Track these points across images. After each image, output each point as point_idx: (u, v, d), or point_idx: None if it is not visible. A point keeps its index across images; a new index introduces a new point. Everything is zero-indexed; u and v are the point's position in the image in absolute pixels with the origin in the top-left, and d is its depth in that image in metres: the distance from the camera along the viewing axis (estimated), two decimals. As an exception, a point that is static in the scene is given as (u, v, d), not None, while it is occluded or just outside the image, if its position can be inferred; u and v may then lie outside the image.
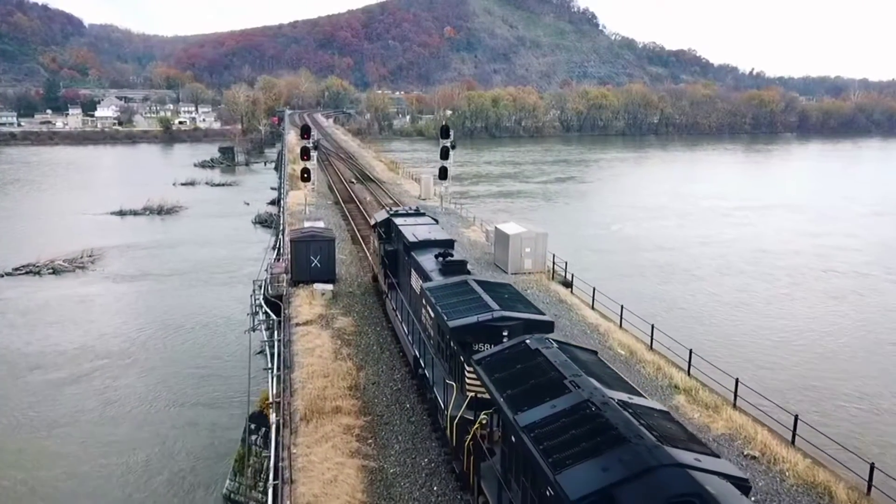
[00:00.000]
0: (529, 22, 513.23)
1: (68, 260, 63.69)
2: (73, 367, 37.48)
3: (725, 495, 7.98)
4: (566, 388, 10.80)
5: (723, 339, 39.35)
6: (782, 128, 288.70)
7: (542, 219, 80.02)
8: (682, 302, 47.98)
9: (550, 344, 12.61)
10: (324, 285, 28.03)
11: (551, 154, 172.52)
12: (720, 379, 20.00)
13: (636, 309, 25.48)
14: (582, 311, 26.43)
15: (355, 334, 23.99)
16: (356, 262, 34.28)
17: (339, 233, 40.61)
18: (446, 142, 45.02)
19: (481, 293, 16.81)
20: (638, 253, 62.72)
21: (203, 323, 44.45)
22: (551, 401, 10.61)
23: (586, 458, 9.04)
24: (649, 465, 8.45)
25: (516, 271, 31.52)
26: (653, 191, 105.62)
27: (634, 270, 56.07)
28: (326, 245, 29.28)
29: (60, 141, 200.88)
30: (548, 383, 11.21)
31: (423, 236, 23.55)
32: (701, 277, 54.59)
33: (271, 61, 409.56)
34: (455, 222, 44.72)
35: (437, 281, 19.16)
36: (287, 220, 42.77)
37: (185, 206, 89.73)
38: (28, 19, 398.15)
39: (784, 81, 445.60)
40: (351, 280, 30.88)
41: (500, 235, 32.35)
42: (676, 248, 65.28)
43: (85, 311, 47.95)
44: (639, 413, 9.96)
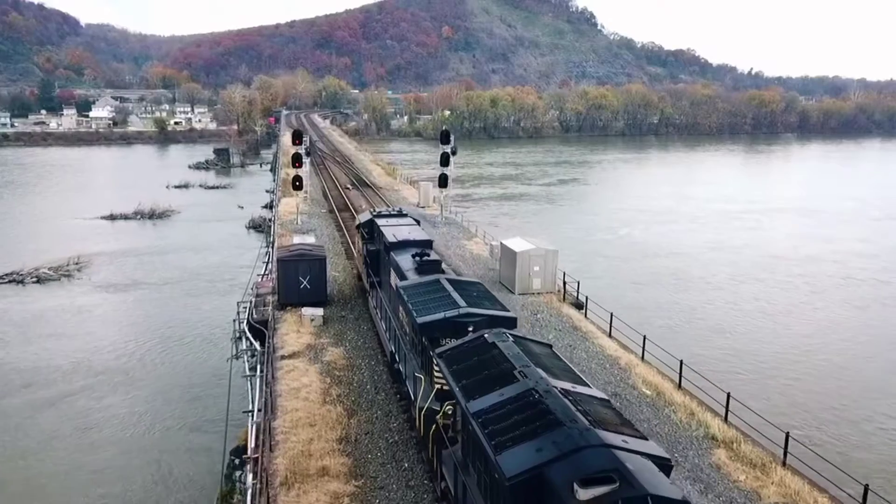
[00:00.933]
0: (528, 21, 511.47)
1: (54, 268, 61.18)
2: (49, 388, 34.90)
3: (641, 471, 8.83)
4: (515, 377, 11.64)
5: (749, 355, 36.92)
6: (783, 128, 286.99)
7: (548, 223, 78.26)
8: (701, 312, 45.79)
9: (507, 338, 13.45)
10: (313, 310, 25.47)
11: (552, 155, 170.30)
12: (762, 427, 17.47)
13: (653, 320, 23.16)
14: (599, 341, 23.90)
15: (347, 369, 21.46)
16: (350, 279, 31.71)
17: (332, 245, 38.06)
18: (447, 147, 42.43)
19: (451, 291, 17.87)
20: (648, 259, 60.64)
21: (192, 337, 41.87)
22: (500, 389, 11.40)
23: (525, 440, 9.87)
24: (578, 446, 9.27)
25: (524, 291, 28.98)
26: (658, 193, 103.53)
27: (647, 278, 54.01)
28: (317, 264, 26.73)
29: (54, 142, 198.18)
30: (499, 374, 12.00)
31: (403, 237, 24.64)
32: (717, 286, 52.36)
33: (268, 61, 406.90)
34: (456, 233, 42.13)
35: (412, 280, 20.21)
36: (277, 230, 40.15)
37: (178, 210, 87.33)
38: (23, 19, 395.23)
39: (783, 81, 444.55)
40: (344, 301, 28.34)
41: (507, 252, 29.78)
42: (687, 254, 63.26)
43: (66, 325, 45.36)
44: (577, 400, 10.80)
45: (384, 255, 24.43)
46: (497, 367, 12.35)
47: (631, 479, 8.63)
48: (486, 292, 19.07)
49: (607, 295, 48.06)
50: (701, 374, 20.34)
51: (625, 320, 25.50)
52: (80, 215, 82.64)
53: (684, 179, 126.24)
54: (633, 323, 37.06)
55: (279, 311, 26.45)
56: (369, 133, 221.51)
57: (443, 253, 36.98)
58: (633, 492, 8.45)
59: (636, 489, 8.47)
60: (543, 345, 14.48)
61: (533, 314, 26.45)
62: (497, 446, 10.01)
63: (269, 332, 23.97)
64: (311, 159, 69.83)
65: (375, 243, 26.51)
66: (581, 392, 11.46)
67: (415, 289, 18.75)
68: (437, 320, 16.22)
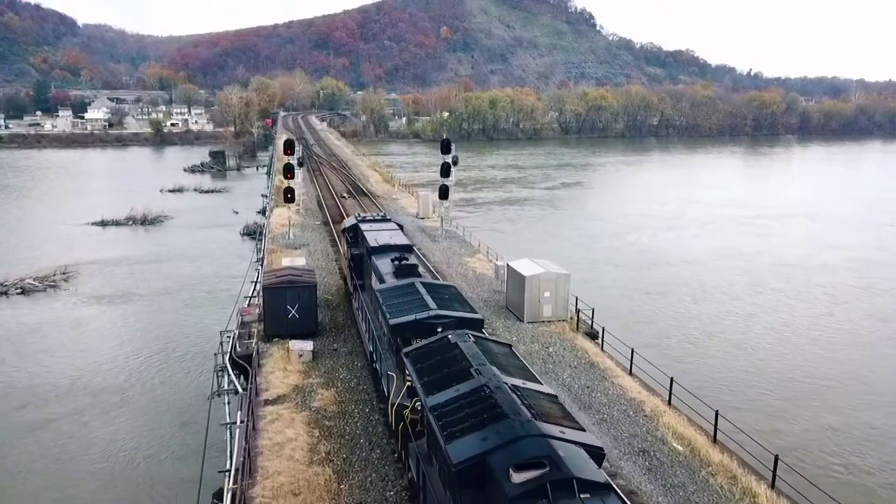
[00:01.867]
0: (526, 22, 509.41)
1: (39, 278, 58.73)
2: (26, 412, 32.38)
3: (571, 457, 9.90)
4: (471, 375, 12.50)
5: (781, 379, 34.49)
6: (783, 129, 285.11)
7: (553, 229, 76.24)
8: (720, 325, 43.56)
9: (468, 338, 14.39)
10: (302, 343, 23.08)
11: (554, 158, 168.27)
12: (811, 493, 15.10)
13: (671, 335, 20.82)
14: (619, 380, 21.51)
15: (338, 417, 19.06)
16: (343, 303, 29.28)
17: (325, 263, 35.58)
18: (447, 157, 40.00)
19: (424, 294, 18.76)
20: (659, 268, 58.59)
21: (181, 354, 39.34)
22: (456, 385, 12.27)
23: (473, 431, 10.74)
24: (518, 436, 10.22)
25: (534, 319, 26.55)
26: (664, 197, 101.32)
27: (660, 288, 51.91)
28: (306, 292, 24.35)
29: (48, 144, 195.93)
30: (457, 371, 12.86)
31: (384, 241, 25.72)
32: (734, 296, 50.13)
33: (266, 62, 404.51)
34: (457, 248, 39.68)
35: (389, 283, 21.13)
36: (268, 245, 37.71)
37: (171, 216, 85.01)
38: (20, 19, 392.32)
39: (782, 82, 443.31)
40: (337, 330, 25.94)
41: (514, 276, 27.32)
42: (698, 262, 61.16)
43: (47, 340, 42.81)
44: (524, 395, 11.69)
45: (367, 258, 25.32)
46: (456, 366, 13.31)
47: (560, 464, 9.68)
48: (458, 295, 20.18)
49: (618, 306, 46.39)
50: (738, 426, 17.94)
51: (644, 350, 23.19)
52: (70, 221, 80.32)
53: (689, 183, 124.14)
54: (649, 336, 35.02)
55: (265, 342, 24.06)
56: (367, 135, 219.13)
57: (443, 272, 34.60)
58: (560, 475, 9.49)
59: (563, 472, 9.53)
60: (503, 345, 15.75)
61: (544, 347, 24.06)
62: (448, 436, 11.00)
63: (253, 369, 21.56)
64: (306, 165, 67.64)
65: (359, 247, 27.29)
66: (530, 388, 12.51)
67: (390, 292, 19.76)
68: (408, 321, 17.13)
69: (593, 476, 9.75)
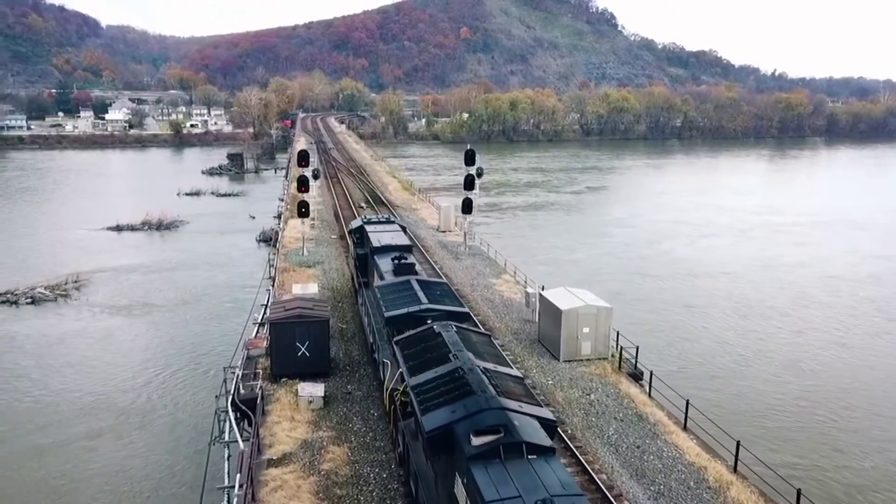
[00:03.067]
0: (547, 22, 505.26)
1: (50, 287, 57.17)
2: (24, 437, 30.23)
3: (524, 426, 11.81)
4: (449, 359, 14.52)
5: (840, 404, 31.51)
6: (810, 132, 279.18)
7: (582, 237, 73.84)
8: (770, 343, 40.78)
9: (451, 328, 16.26)
10: (312, 387, 20.59)
11: (578, 160, 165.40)
12: None
13: (718, 357, 18.11)
14: (673, 438, 18.73)
15: (351, 484, 16.54)
16: (359, 333, 26.73)
17: (340, 283, 33.04)
18: (471, 169, 37.36)
19: (417, 290, 20.54)
20: (697, 279, 55.90)
21: (191, 371, 37.11)
22: (435, 368, 14.36)
23: (444, 405, 12.72)
24: (480, 408, 12.14)
25: (571, 358, 23.80)
26: (695, 203, 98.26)
27: (700, 301, 49.29)
28: (318, 328, 21.87)
29: (69, 145, 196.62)
30: (438, 356, 14.92)
31: (387, 242, 27.69)
32: (780, 311, 47.21)
33: (285, 63, 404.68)
34: (482, 267, 36.91)
35: (388, 280, 23.08)
36: (280, 263, 35.28)
37: (187, 221, 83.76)
38: (43, 20, 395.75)
39: (807, 83, 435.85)
40: (352, 368, 23.42)
41: (549, 308, 24.58)
42: (738, 273, 58.27)
43: (50, 355, 40.83)
44: (493, 376, 13.67)
45: (370, 258, 27.21)
46: (437, 351, 15.08)
47: (513, 431, 11.50)
48: (449, 292, 21.90)
49: (657, 320, 43.72)
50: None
51: (691, 373, 20.45)
52: (86, 225, 79.30)
53: (719, 187, 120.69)
54: (695, 355, 32.04)
55: (272, 383, 21.62)
56: (386, 137, 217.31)
57: (467, 295, 31.95)
58: (511, 439, 11.34)
59: (514, 438, 11.39)
60: (482, 335, 17.79)
61: (585, 394, 21.33)
62: (423, 410, 12.73)
63: (256, 419, 19.10)
64: (323, 172, 65.47)
65: (364, 247, 29.03)
66: (499, 371, 14.28)
67: (388, 288, 21.55)
68: (401, 314, 18.99)
69: (541, 441, 11.70)
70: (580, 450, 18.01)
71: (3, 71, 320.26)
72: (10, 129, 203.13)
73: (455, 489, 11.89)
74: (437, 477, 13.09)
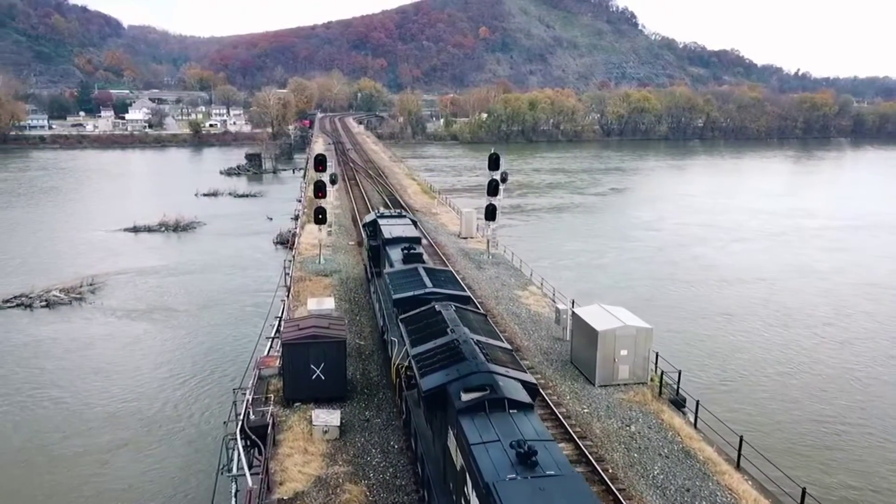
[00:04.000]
0: (566, 22, 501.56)
1: (65, 290, 56.34)
2: (25, 455, 28.97)
3: (507, 386, 13.73)
4: (446, 333, 16.63)
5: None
6: (835, 132, 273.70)
7: (607, 240, 72.02)
8: (817, 355, 38.89)
9: (450, 308, 18.56)
10: (327, 415, 18.98)
11: (601, 161, 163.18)
12: None
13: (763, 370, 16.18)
14: (726, 479, 16.85)
15: (370, 531, 14.84)
16: (378, 351, 25.06)
17: (357, 295, 31.40)
18: (495, 174, 35.58)
19: (424, 276, 22.59)
20: (731, 286, 53.90)
21: (202, 386, 35.67)
22: (434, 340, 16.44)
23: (440, 369, 14.71)
24: (470, 371, 14.07)
25: (607, 382, 21.99)
26: (723, 205, 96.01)
27: (737, 309, 47.33)
28: (333, 349, 20.27)
29: (89, 144, 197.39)
30: (437, 330, 17.01)
31: (398, 234, 29.89)
32: (823, 320, 45.19)
33: (304, 62, 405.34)
34: (506, 278, 35.08)
35: (398, 267, 25.30)
36: (295, 271, 33.72)
37: (204, 222, 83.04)
38: (66, 21, 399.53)
39: (831, 82, 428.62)
40: (370, 391, 21.79)
41: (582, 327, 22.76)
42: (774, 280, 56.22)
43: (57, 362, 39.66)
44: (484, 347, 15.76)
45: (382, 248, 29.37)
46: (437, 327, 17.19)
47: (497, 390, 13.47)
48: (453, 278, 24.18)
49: (694, 330, 41.67)
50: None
51: (745, 417, 18.52)
52: (104, 226, 78.96)
53: (747, 190, 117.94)
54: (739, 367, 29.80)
55: (284, 408, 20.04)
56: (404, 137, 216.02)
57: (491, 308, 30.19)
58: (495, 396, 13.27)
59: (498, 395, 13.30)
60: (479, 314, 20.26)
61: (625, 425, 19.51)
62: (422, 374, 15.10)
63: (267, 451, 17.50)
64: (342, 174, 64.12)
65: (376, 239, 31.07)
66: (490, 342, 16.57)
67: (397, 274, 23.84)
68: (408, 296, 20.93)
69: (521, 398, 13.45)
70: (623, 493, 16.22)
71: (25, 71, 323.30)
72: (32, 129, 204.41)
73: (447, 441, 13.97)
74: (434, 435, 15.50)
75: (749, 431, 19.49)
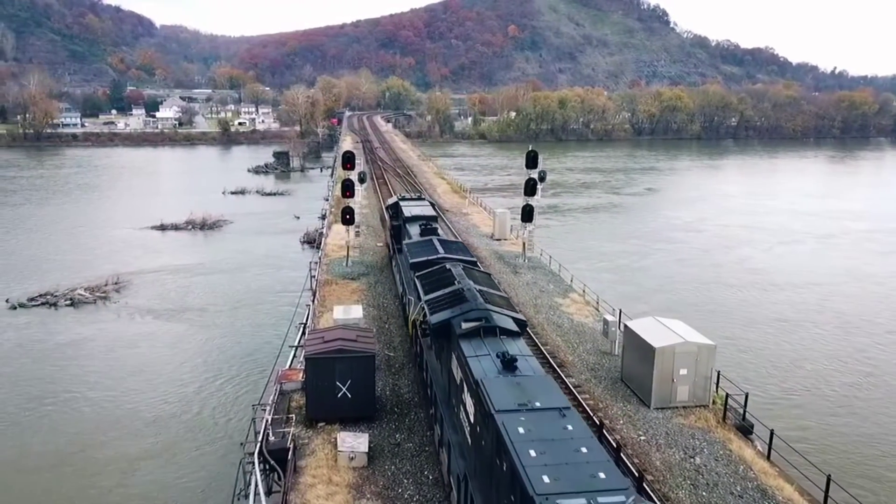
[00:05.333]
0: (596, 20, 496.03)
1: (90, 289, 55.56)
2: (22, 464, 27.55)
3: (500, 319, 17.09)
4: (454, 283, 19.97)
5: None
6: (875, 132, 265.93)
7: (648, 242, 69.58)
8: (888, 367, 36.07)
9: (458, 266, 22.36)
10: (354, 439, 17.07)
11: (635, 160, 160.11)
12: None
13: (833, 380, 13.70)
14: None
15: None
16: (410, 364, 23.09)
17: (387, 301, 29.53)
18: (533, 172, 33.43)
19: (437, 245, 26.49)
20: (783, 291, 51.22)
21: (224, 396, 34.03)
22: (443, 289, 19.81)
23: (447, 309, 18.12)
24: (470, 308, 17.34)
25: (664, 405, 19.75)
26: (766, 206, 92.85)
27: (794, 315, 44.89)
28: (362, 365, 18.37)
29: (120, 142, 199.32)
30: (446, 282, 20.50)
31: (416, 213, 33.87)
32: (888, 328, 42.40)
33: (333, 61, 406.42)
34: (544, 283, 32.89)
35: (415, 239, 29.34)
36: (321, 274, 31.93)
37: (231, 220, 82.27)
38: (100, 20, 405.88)
39: (869, 81, 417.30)
40: (401, 409, 19.87)
41: (637, 343, 20.52)
42: (827, 285, 53.52)
43: (77, 366, 38.40)
44: (484, 293, 18.89)
45: (403, 226, 33.11)
46: (447, 281, 20.77)
47: (491, 321, 16.70)
48: (463, 248, 27.61)
49: (750, 338, 39.20)
50: None
51: (823, 443, 16.18)
52: (132, 224, 78.68)
53: (789, 190, 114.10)
54: (805, 383, 27.44)
55: (307, 428, 18.19)
56: (432, 136, 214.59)
57: (531, 317, 28.08)
58: (489, 325, 16.50)
59: (491, 324, 16.55)
60: (483, 273, 24.47)
61: (688, 456, 17.27)
62: (431, 312, 18.47)
63: (287, 480, 15.64)
64: (370, 173, 62.59)
65: (398, 219, 34.41)
66: (489, 291, 19.92)
67: (415, 244, 27.36)
68: (423, 260, 24.32)
69: (511, 328, 17.18)
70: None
71: (60, 70, 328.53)
72: (66, 127, 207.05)
73: (451, 367, 16.79)
74: (441, 366, 18.52)
75: (825, 459, 17.10)
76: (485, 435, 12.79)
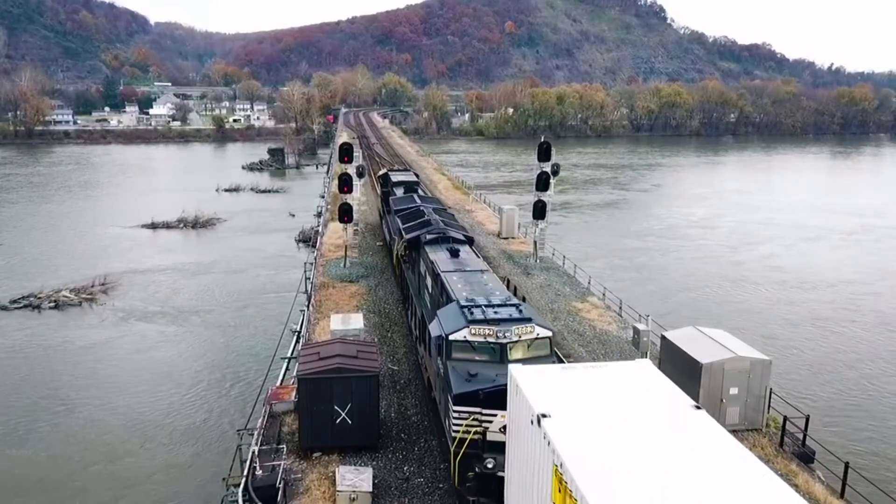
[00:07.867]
0: (593, 16, 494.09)
1: (76, 290, 53.02)
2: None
3: (453, 232, 26.81)
4: (423, 216, 28.60)
5: None
6: (875, 127, 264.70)
7: (661, 239, 67.41)
8: None
9: (429, 207, 31.57)
10: (355, 475, 14.51)
11: (639, 156, 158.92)
12: None
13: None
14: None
15: None
16: (417, 379, 20.48)
17: (387, 306, 26.97)
18: (545, 166, 30.88)
19: (417, 199, 34.33)
20: (814, 290, 49.21)
21: (211, 396, 31.43)
22: (416, 222, 27.99)
23: (417, 230, 26.57)
24: (433, 229, 26.31)
25: (710, 429, 17.25)
26: (780, 203, 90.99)
27: (830, 314, 43.14)
28: (364, 385, 15.78)
29: (113, 139, 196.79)
30: (419, 217, 28.91)
31: (402, 179, 43.32)
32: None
33: (329, 58, 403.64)
34: (559, 286, 30.37)
35: (399, 195, 37.35)
36: (317, 277, 29.32)
37: (224, 218, 79.98)
38: (94, 17, 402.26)
39: (867, 77, 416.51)
40: (409, 437, 17.23)
41: (678, 357, 17.93)
42: (857, 282, 51.68)
43: (54, 372, 35.81)
44: (445, 222, 28.14)
45: (391, 190, 40.09)
46: (420, 218, 28.18)
47: (445, 234, 25.48)
48: (437, 200, 39.82)
49: (787, 339, 36.90)
50: None
51: None
52: (122, 222, 76.50)
53: (800, 186, 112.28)
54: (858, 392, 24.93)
55: (300, 459, 15.63)
56: (429, 132, 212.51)
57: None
58: (444, 235, 25.30)
59: (446, 235, 25.31)
60: (448, 213, 33.53)
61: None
62: (406, 232, 26.76)
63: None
64: (367, 170, 60.23)
65: (387, 186, 41.74)
66: (448, 221, 28.82)
67: (398, 198, 35.66)
68: (404, 208, 31.82)
69: (461, 238, 25.49)
70: None
71: (53, 66, 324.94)
72: (57, 124, 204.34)
73: (419, 266, 24.34)
74: (413, 270, 25.61)
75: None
76: (435, 289, 20.41)
